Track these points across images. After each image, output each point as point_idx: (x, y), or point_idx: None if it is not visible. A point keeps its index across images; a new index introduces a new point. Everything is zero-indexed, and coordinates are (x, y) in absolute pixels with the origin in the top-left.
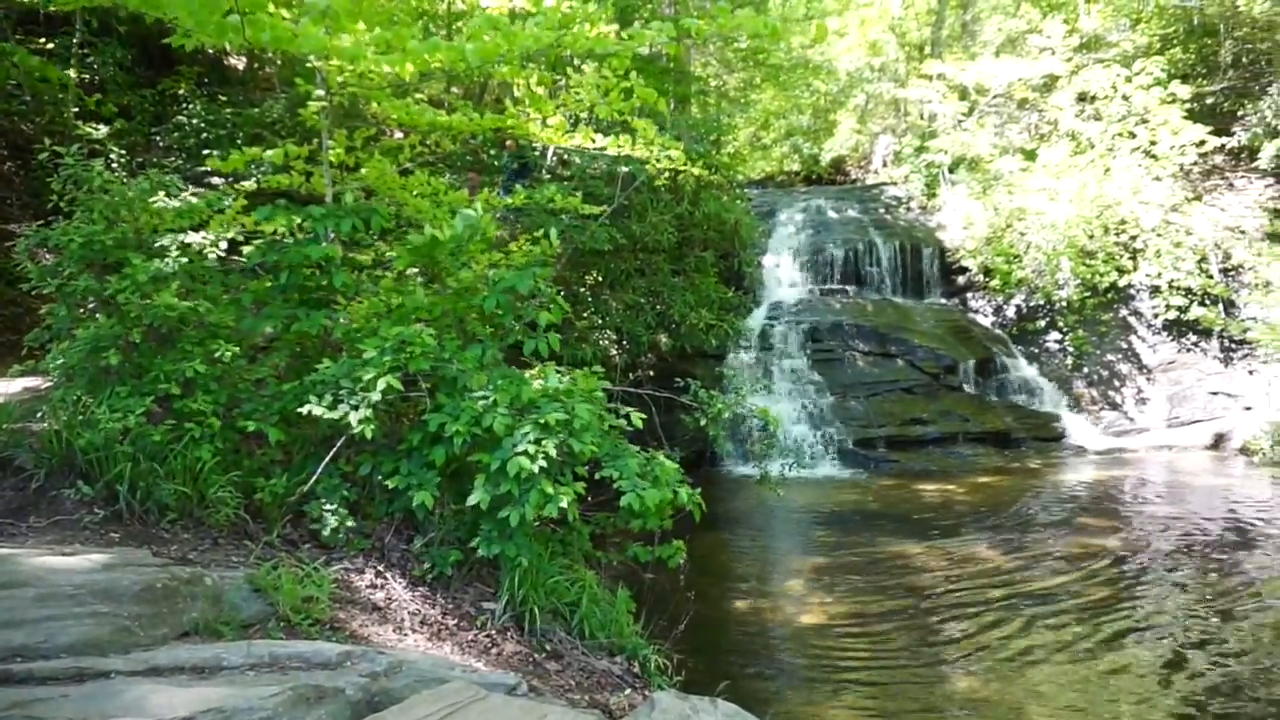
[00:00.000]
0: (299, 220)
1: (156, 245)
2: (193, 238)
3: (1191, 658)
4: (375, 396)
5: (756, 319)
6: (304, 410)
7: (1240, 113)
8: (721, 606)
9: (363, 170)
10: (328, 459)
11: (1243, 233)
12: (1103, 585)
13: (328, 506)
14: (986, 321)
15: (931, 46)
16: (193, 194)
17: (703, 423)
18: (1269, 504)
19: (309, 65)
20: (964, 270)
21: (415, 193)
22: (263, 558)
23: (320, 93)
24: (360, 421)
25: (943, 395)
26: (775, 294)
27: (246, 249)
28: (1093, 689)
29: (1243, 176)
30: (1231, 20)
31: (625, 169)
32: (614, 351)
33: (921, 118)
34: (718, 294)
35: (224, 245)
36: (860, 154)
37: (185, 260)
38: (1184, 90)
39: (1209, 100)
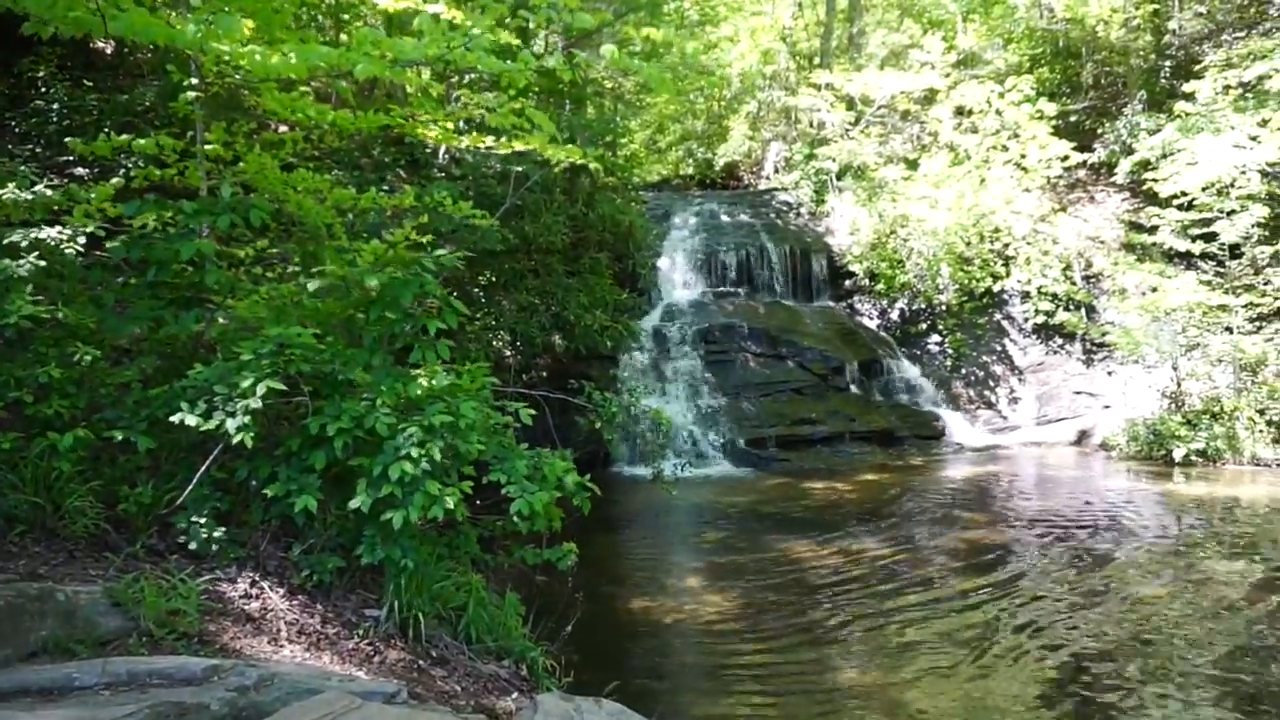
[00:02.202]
0: (170, 215)
1: (6, 241)
2: (48, 232)
3: (1059, 643)
4: (255, 404)
5: (651, 320)
6: (175, 419)
7: (1100, 131)
8: (613, 607)
9: (242, 164)
10: (204, 468)
11: (1102, 242)
12: (979, 576)
13: (196, 518)
14: (872, 324)
15: (821, 57)
16: (50, 185)
17: (597, 425)
18: (1125, 495)
19: (184, 54)
20: (851, 274)
21: (299, 189)
22: (124, 570)
23: (195, 81)
24: (238, 429)
25: (830, 395)
26: (669, 296)
27: (111, 244)
28: (969, 676)
29: (1102, 190)
30: (1092, 44)
31: (519, 168)
32: (508, 353)
33: (811, 126)
34: (612, 295)
35: (82, 240)
36: (753, 160)
37: (38, 257)
38: (1050, 108)
39: (1072, 118)
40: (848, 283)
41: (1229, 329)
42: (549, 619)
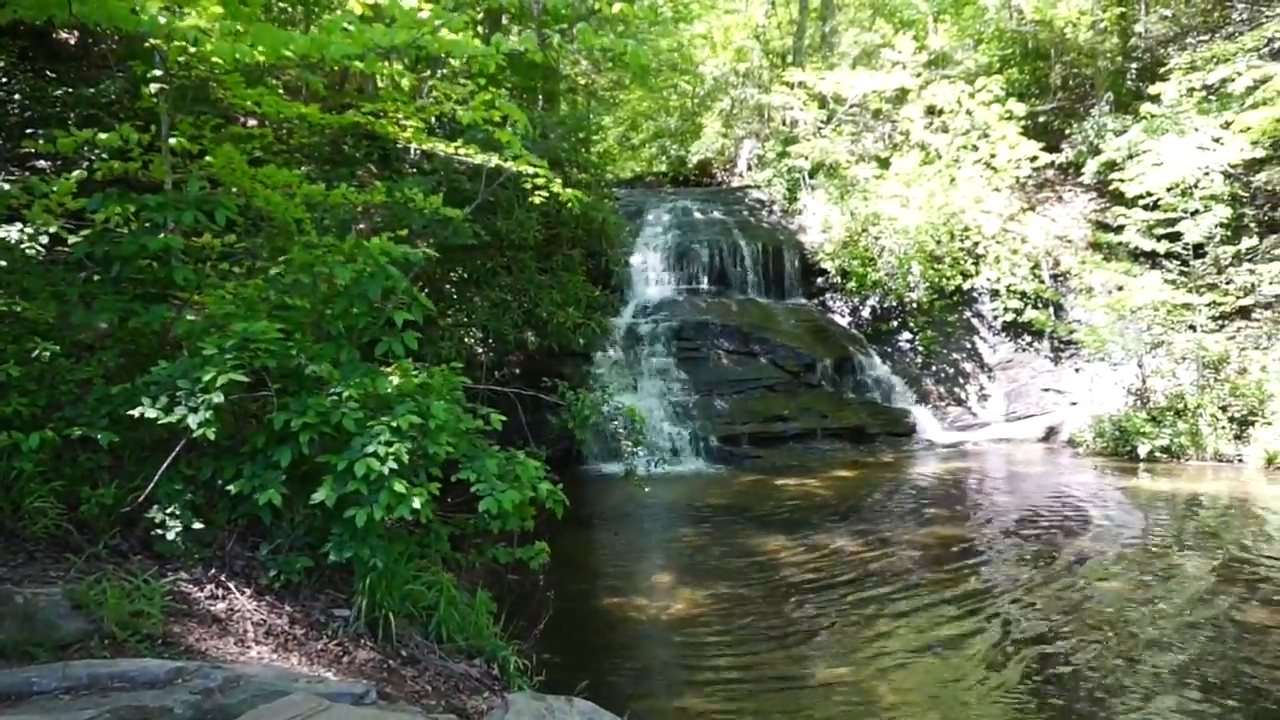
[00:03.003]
0: (134, 209)
1: None
2: (7, 230)
3: (1028, 637)
4: (217, 398)
5: (624, 318)
6: (136, 413)
7: (1068, 131)
8: (586, 605)
9: (209, 158)
10: (166, 464)
11: (1070, 242)
12: (949, 571)
13: (171, 509)
14: (844, 322)
15: (793, 55)
16: (10, 179)
17: (570, 425)
18: (1091, 492)
19: (148, 44)
20: (823, 272)
21: (268, 184)
22: (86, 571)
23: (159, 73)
24: (200, 424)
25: (802, 393)
26: (642, 293)
27: (73, 239)
28: (939, 671)
29: (1070, 190)
30: (1060, 46)
31: (491, 164)
32: (480, 350)
33: (784, 124)
34: (585, 292)
35: (45, 238)
36: (726, 157)
37: None
38: (1020, 108)
39: (1041, 119)
40: (820, 280)
41: (1192, 327)
42: (521, 618)
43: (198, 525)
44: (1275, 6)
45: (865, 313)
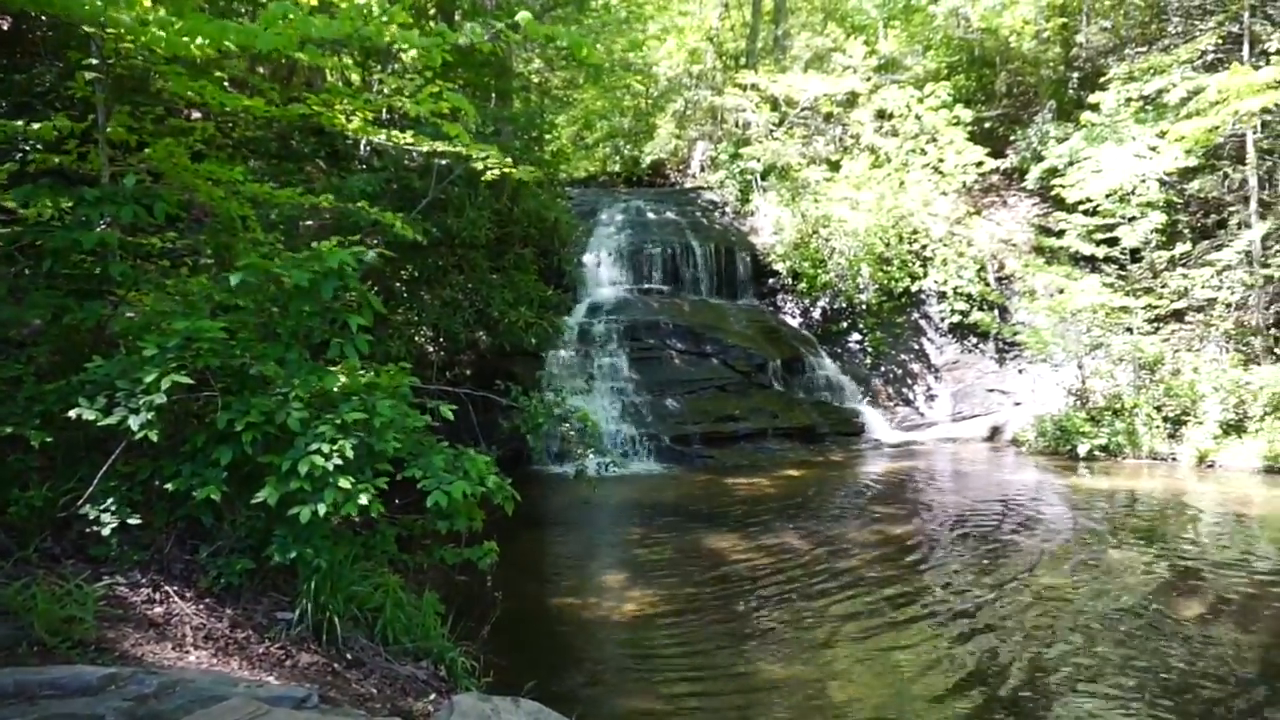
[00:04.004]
0: (69, 203)
1: None
2: None
3: (973, 632)
4: (160, 399)
5: (576, 317)
6: (73, 415)
7: (1012, 137)
8: (536, 605)
9: (148, 151)
10: (107, 465)
11: (1014, 245)
12: (896, 569)
13: (106, 506)
14: (794, 322)
15: (746, 58)
16: None
17: (522, 429)
18: (1033, 490)
19: (83, 31)
20: (774, 273)
21: (211, 179)
22: (14, 576)
23: (95, 62)
24: (142, 426)
25: (754, 393)
26: (595, 293)
27: (2, 231)
28: (887, 667)
29: (1014, 195)
30: (1005, 54)
31: (442, 161)
32: (430, 349)
33: (737, 125)
34: (537, 292)
35: None
36: (679, 158)
37: None
38: (967, 114)
39: (987, 125)
40: (771, 281)
41: (1129, 330)
42: (470, 619)
43: (134, 522)
44: (1208, 20)
45: (816, 314)
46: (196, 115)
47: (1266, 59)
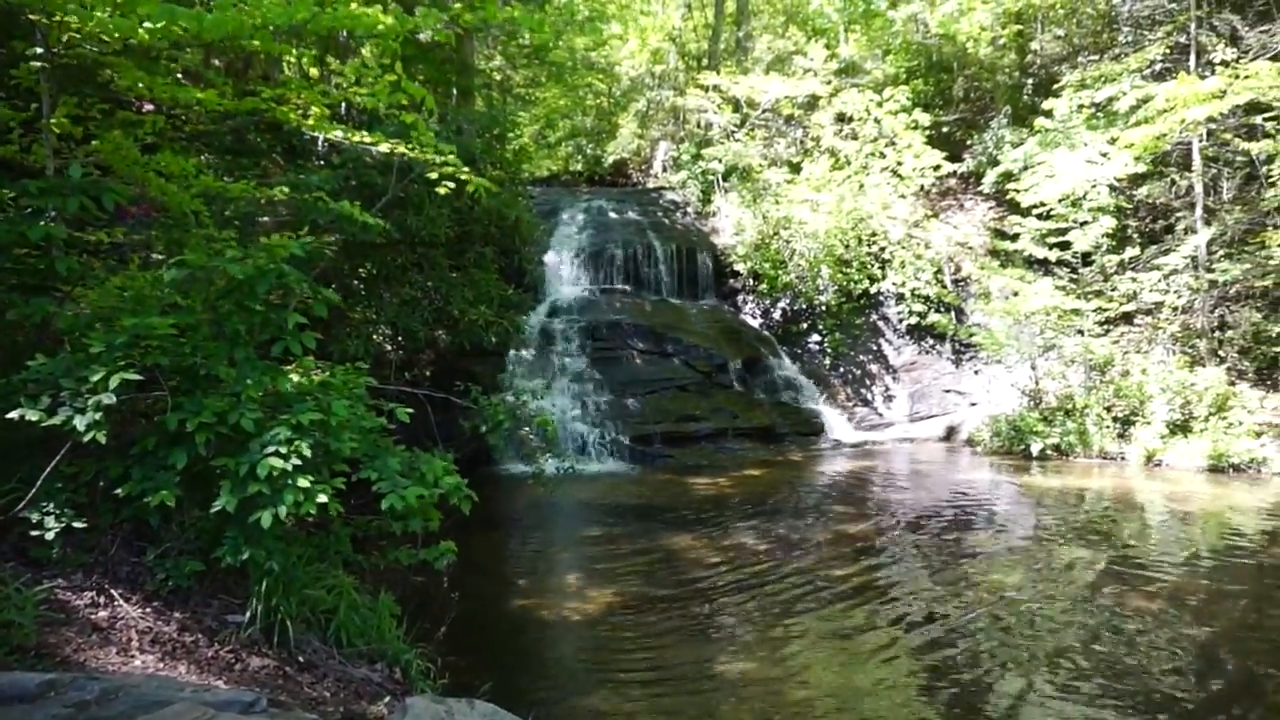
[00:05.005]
0: (12, 195)
1: None
2: None
3: (928, 630)
4: (108, 399)
5: (538, 317)
6: (15, 415)
7: (969, 142)
8: (494, 606)
9: (95, 143)
10: (50, 467)
11: (970, 248)
12: (854, 568)
13: (48, 507)
14: (755, 323)
15: (709, 59)
16: None
17: (482, 430)
18: (988, 489)
19: (28, 19)
20: (735, 274)
21: (162, 173)
22: None
23: (40, 51)
24: (89, 427)
25: (714, 393)
26: (556, 292)
27: None
28: (845, 665)
29: (970, 198)
30: (962, 60)
31: (402, 158)
32: (389, 348)
33: (699, 126)
34: (498, 291)
35: None
36: (641, 158)
37: None
38: (925, 118)
39: (944, 129)
40: (732, 282)
41: (1080, 332)
42: (426, 620)
43: (79, 525)
44: (1157, 31)
45: (776, 314)
46: (149, 108)
47: (1212, 69)
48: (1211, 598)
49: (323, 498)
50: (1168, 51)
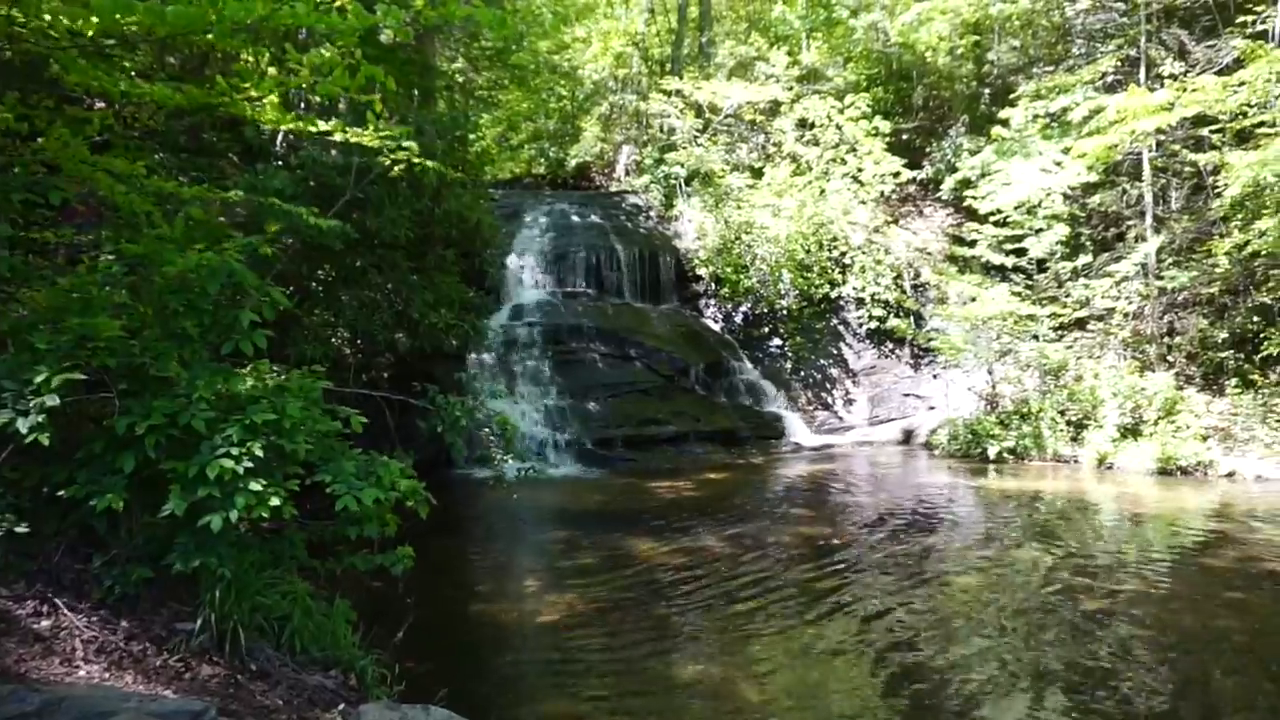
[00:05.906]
0: None
1: None
2: None
3: (887, 630)
4: (52, 400)
5: (499, 320)
6: None
7: (928, 149)
8: (454, 611)
9: (41, 141)
10: None
11: (929, 254)
12: (814, 570)
13: None
14: (717, 327)
15: (672, 64)
16: None
17: (440, 429)
18: (945, 491)
19: None
20: (697, 278)
21: (112, 172)
22: None
23: None
24: (32, 429)
25: (676, 396)
26: (518, 295)
27: None
28: (805, 667)
29: (929, 205)
30: (922, 69)
31: (361, 159)
32: (348, 351)
33: (661, 131)
34: (459, 294)
35: None
36: (604, 161)
37: None
38: (885, 125)
39: (904, 136)
40: (694, 286)
41: (1035, 337)
42: (383, 626)
43: (21, 530)
44: (1109, 44)
45: (738, 318)
46: (100, 106)
47: (1161, 82)
48: (1161, 597)
49: (276, 501)
50: (1119, 64)
